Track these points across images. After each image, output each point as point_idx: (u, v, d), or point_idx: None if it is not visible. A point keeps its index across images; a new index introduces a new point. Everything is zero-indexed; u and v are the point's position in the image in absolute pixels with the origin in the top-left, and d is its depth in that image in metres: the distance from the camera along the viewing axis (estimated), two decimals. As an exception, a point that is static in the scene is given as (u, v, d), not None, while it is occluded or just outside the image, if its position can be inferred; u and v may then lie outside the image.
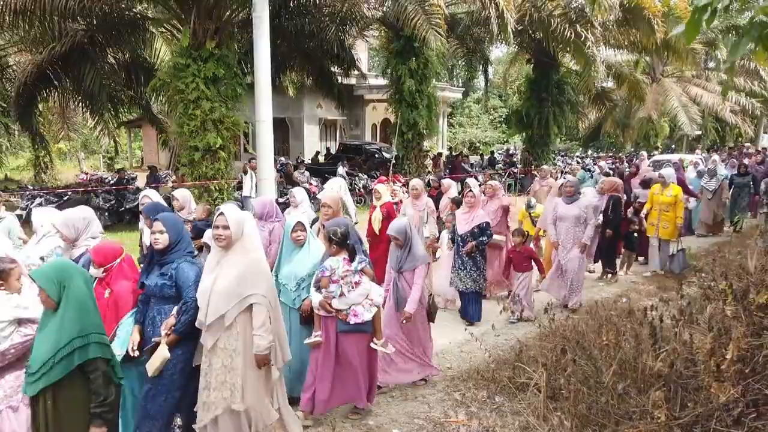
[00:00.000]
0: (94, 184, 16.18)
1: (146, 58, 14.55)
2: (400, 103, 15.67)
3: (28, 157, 23.90)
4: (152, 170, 16.20)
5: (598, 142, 35.74)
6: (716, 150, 25.87)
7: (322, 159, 21.43)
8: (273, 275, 4.25)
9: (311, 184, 14.70)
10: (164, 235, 3.51)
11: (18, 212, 12.18)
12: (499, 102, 40.75)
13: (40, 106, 17.04)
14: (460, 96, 28.89)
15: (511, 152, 26.36)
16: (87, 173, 21.44)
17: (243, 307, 3.38)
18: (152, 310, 3.54)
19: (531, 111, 19.60)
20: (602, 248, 8.28)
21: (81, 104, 15.80)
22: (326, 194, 5.41)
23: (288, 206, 6.62)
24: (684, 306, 4.12)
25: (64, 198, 13.20)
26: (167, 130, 17.89)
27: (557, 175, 11.75)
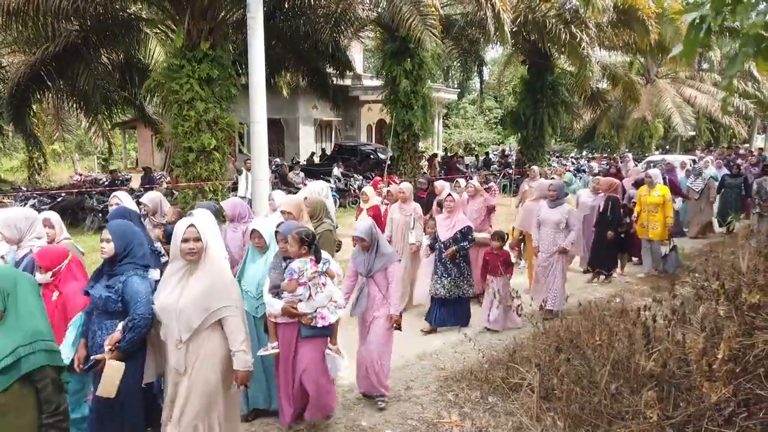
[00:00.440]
0: (88, 185, 16.13)
1: (140, 58, 14.49)
2: (395, 104, 15.67)
3: (21, 158, 23.79)
4: (147, 171, 16.16)
5: (592, 143, 35.84)
6: (711, 150, 25.95)
7: (317, 160, 21.42)
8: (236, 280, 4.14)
9: (306, 185, 14.66)
10: (110, 244, 3.26)
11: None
12: (495, 103, 40.84)
13: (33, 107, 16.95)
14: (455, 97, 28.93)
15: (506, 153, 26.42)
16: (81, 174, 21.39)
17: (213, 320, 3.18)
18: (93, 323, 3.30)
19: (526, 112, 19.64)
20: (598, 249, 8.21)
21: (75, 105, 15.73)
22: (285, 199, 5.22)
23: None
24: (677, 306, 4.12)
25: (57, 199, 13.16)
26: (162, 131, 17.85)
27: (552, 175, 11.66)
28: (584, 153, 32.94)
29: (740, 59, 2.43)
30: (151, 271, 3.58)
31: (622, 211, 8.28)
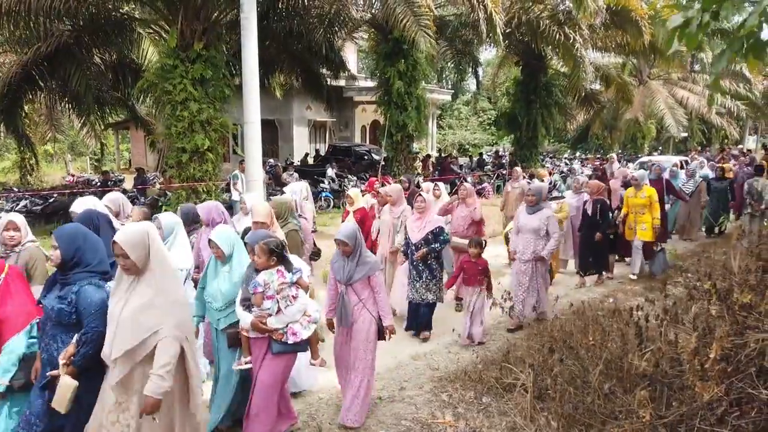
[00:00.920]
0: (80, 186, 16.05)
1: (133, 59, 14.44)
2: (389, 104, 15.69)
3: (13, 159, 23.66)
4: (140, 172, 16.10)
5: (586, 143, 36.00)
6: (699, 151, 26.12)
7: (311, 161, 21.39)
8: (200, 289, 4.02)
9: (300, 185, 14.64)
10: (56, 251, 3.04)
11: (2, 215, 12.06)
12: (488, 104, 40.93)
13: (25, 107, 16.85)
14: (449, 98, 28.98)
15: (500, 154, 26.48)
16: (74, 175, 21.30)
17: (154, 342, 2.91)
18: (47, 335, 3.08)
19: (519, 113, 19.71)
20: (586, 252, 8.04)
21: (67, 105, 15.65)
22: (257, 208, 4.94)
23: None
24: (669, 306, 4.14)
25: (49, 200, 13.08)
26: (154, 131, 17.79)
27: (536, 179, 11.32)
28: (577, 154, 33.06)
29: (725, 56, 2.44)
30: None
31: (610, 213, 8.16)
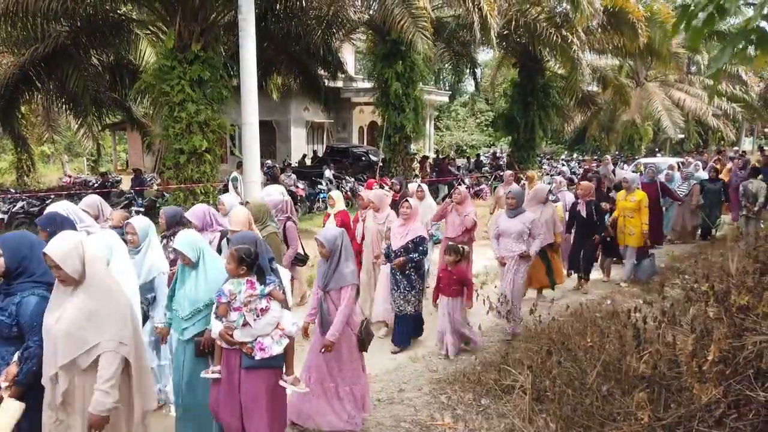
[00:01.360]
0: (77, 187, 16.01)
1: (131, 60, 14.43)
2: (387, 106, 15.70)
3: (10, 159, 23.60)
4: (137, 173, 16.07)
5: (583, 145, 36.10)
6: (702, 153, 26.20)
7: (309, 162, 21.40)
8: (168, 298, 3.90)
9: (298, 187, 14.67)
10: (0, 259, 2.88)
11: (0, 216, 12.04)
12: (486, 105, 41.00)
13: (22, 108, 16.82)
14: (446, 99, 29.02)
15: (497, 155, 26.52)
16: (70, 176, 21.26)
17: (94, 356, 2.73)
18: None
19: (517, 114, 19.73)
20: (576, 254, 7.89)
21: (64, 106, 15.63)
22: (232, 216, 4.79)
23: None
24: (667, 308, 4.16)
25: (46, 201, 13.04)
26: (150, 133, 17.78)
27: (536, 178, 11.22)
28: (574, 155, 33.14)
29: (727, 52, 2.44)
30: None
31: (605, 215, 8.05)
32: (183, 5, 10.36)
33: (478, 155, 26.61)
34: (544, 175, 17.83)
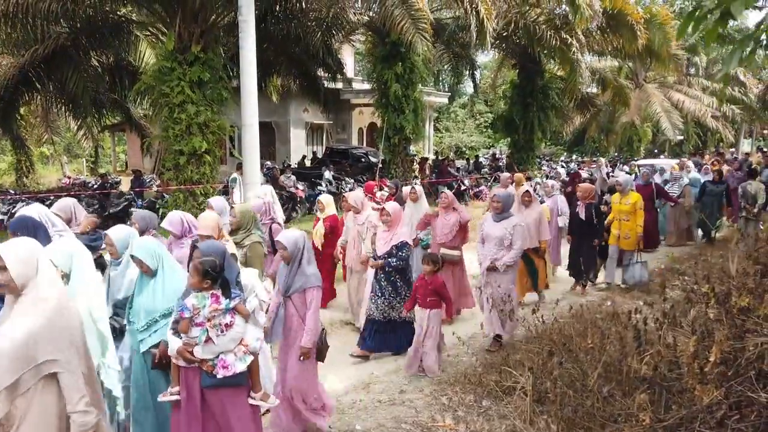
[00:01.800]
0: (77, 188, 16.00)
1: (130, 61, 14.43)
2: (387, 107, 15.72)
3: (9, 161, 23.59)
4: (137, 174, 16.07)
5: (582, 146, 36.13)
6: (701, 154, 26.23)
7: (308, 163, 21.40)
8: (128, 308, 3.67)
9: (297, 188, 14.67)
10: None
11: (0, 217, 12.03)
12: (485, 107, 41.03)
13: (21, 109, 16.81)
14: (446, 101, 29.04)
15: (497, 156, 26.54)
16: (70, 177, 21.23)
17: (40, 375, 2.45)
18: None
19: (516, 116, 19.76)
20: (577, 257, 7.76)
21: (64, 108, 15.63)
22: (200, 220, 4.56)
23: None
24: (667, 309, 4.16)
25: (46, 202, 13.03)
26: (149, 135, 17.78)
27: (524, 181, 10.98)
28: (574, 157, 33.18)
29: (735, 56, 2.44)
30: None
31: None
32: (183, 7, 10.37)
33: (477, 156, 26.63)
34: (543, 177, 17.81)
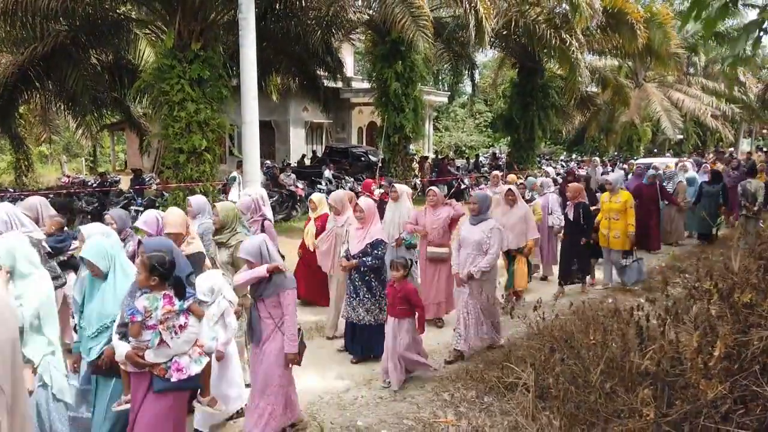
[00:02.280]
0: (76, 187, 15.97)
1: (130, 59, 14.41)
2: (386, 106, 15.71)
3: (8, 159, 23.55)
4: (137, 173, 16.04)
5: (582, 146, 36.12)
6: (702, 154, 26.25)
7: (308, 162, 21.38)
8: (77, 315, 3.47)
9: (297, 186, 14.66)
10: None
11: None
12: (484, 106, 41.02)
13: (20, 108, 16.77)
14: (445, 100, 29.02)
15: (497, 155, 26.52)
16: (69, 176, 21.19)
17: None
18: None
19: (516, 115, 19.75)
20: (569, 259, 7.61)
21: (63, 106, 15.61)
22: (169, 217, 4.39)
23: (274, 210, 6.43)
24: (670, 306, 4.15)
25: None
26: (148, 133, 17.76)
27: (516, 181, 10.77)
28: (573, 156, 33.17)
29: (743, 39, 2.44)
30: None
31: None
32: (183, 4, 10.36)
33: (477, 155, 26.62)
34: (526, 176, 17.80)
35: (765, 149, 30.19)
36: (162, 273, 3.01)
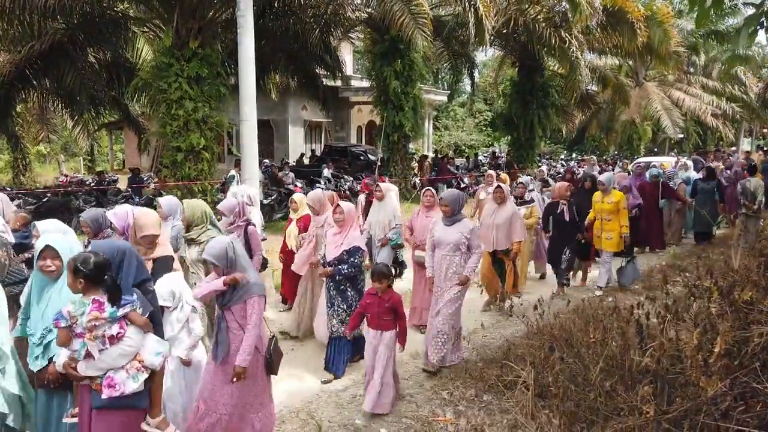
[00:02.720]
0: (74, 186, 15.94)
1: (128, 58, 14.39)
2: (386, 105, 15.68)
3: (6, 159, 23.53)
4: (134, 172, 16.00)
5: (582, 145, 36.12)
6: (700, 153, 26.22)
7: (307, 161, 21.35)
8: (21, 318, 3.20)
9: (296, 186, 14.63)
10: None
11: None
12: (484, 105, 41.02)
13: (18, 107, 16.74)
14: (445, 99, 29.01)
15: (497, 154, 26.51)
16: (67, 175, 21.14)
17: None
18: None
19: (516, 114, 19.72)
20: (558, 259, 7.39)
21: (61, 105, 15.58)
22: (137, 213, 4.20)
23: (273, 209, 6.27)
24: (669, 304, 4.12)
25: (43, 200, 12.98)
26: (146, 132, 17.74)
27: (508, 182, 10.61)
28: (573, 155, 33.17)
29: (745, 32, 2.42)
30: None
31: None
32: (181, 2, 10.35)
33: (477, 155, 26.60)
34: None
35: (765, 148, 30.19)
36: (86, 275, 2.67)
